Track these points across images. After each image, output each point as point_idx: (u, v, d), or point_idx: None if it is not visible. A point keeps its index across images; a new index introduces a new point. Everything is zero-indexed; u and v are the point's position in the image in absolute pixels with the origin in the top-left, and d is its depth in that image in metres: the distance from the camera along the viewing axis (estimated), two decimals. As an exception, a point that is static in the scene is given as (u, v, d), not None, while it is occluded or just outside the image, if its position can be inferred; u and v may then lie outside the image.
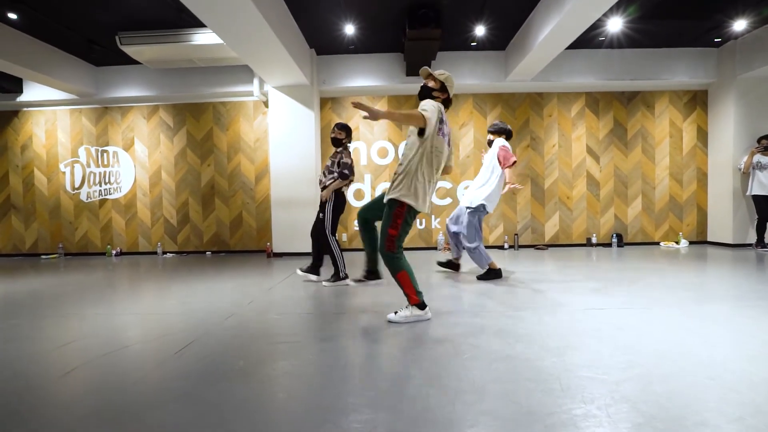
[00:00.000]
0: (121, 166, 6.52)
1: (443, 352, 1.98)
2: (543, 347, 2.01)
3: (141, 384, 1.70)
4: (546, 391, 1.55)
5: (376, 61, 6.03)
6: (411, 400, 1.50)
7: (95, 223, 6.57)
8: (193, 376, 1.77)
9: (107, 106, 6.49)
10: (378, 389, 1.60)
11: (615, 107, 6.30)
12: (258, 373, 1.79)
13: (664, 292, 3.16)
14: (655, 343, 2.04)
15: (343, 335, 2.30)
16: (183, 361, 1.94)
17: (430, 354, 1.97)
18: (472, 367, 1.79)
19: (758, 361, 1.78)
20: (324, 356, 1.98)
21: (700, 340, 2.08)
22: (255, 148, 6.39)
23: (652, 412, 1.37)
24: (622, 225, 6.37)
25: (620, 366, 1.76)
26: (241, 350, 2.08)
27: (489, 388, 1.59)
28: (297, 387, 1.66)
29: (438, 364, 1.83)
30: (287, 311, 2.85)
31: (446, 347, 2.05)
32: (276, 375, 1.77)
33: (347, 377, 1.73)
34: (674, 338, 2.11)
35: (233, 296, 3.37)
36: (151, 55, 5.34)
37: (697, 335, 2.15)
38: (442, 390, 1.57)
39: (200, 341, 2.22)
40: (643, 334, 2.18)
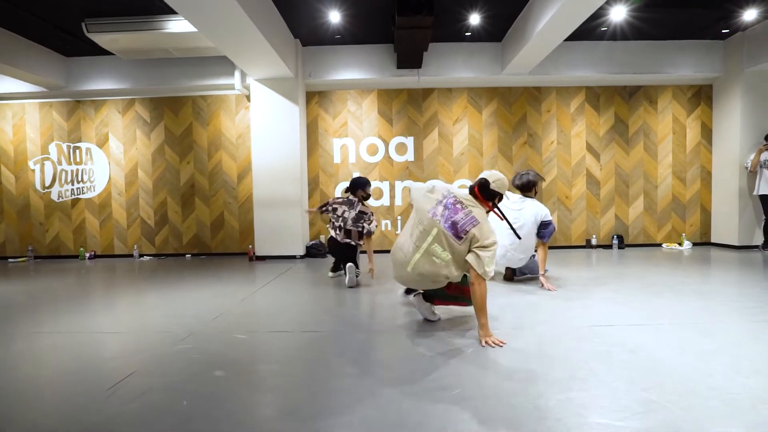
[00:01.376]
0: (95, 164, 6.14)
1: (422, 390, 1.66)
2: (545, 379, 1.70)
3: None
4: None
5: (365, 53, 5.69)
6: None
7: (67, 224, 6.19)
8: (119, 424, 1.44)
9: (79, 100, 6.10)
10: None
11: (616, 102, 6.00)
12: (205, 417, 1.46)
13: (673, 303, 2.87)
14: (674, 372, 1.74)
15: (317, 363, 1.98)
16: (114, 401, 1.61)
17: (409, 389, 1.65)
18: (456, 409, 1.47)
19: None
20: (285, 399, 1.65)
21: (726, 365, 1.78)
22: (237, 144, 6.03)
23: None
24: (623, 226, 6.09)
25: (639, 408, 1.45)
26: (188, 384, 1.76)
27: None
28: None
29: (421, 404, 1.51)
30: (256, 329, 2.53)
31: (425, 381, 1.73)
32: (221, 418, 1.44)
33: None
34: (696, 364, 1.81)
35: (200, 309, 3.04)
36: (123, 44, 4.97)
37: (721, 359, 1.85)
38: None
39: (141, 372, 1.88)
40: (658, 360, 1.87)
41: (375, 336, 2.35)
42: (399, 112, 6.01)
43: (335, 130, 6.04)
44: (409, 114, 6.01)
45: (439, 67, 5.68)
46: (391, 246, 5.97)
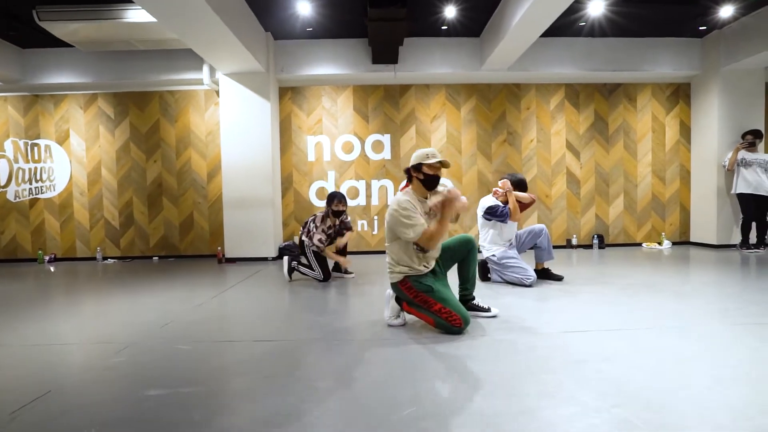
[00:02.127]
0: (55, 162, 5.81)
1: (371, 408, 1.47)
2: (508, 394, 1.53)
3: None
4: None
5: (339, 47, 5.49)
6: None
7: (25, 225, 5.84)
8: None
9: (38, 94, 5.76)
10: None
11: (596, 100, 5.93)
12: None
13: (652, 305, 2.74)
14: (650, 383, 1.59)
15: (261, 380, 1.78)
16: (14, 428, 1.39)
17: (357, 406, 1.46)
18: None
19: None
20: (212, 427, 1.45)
21: (706, 374, 1.64)
22: (207, 142, 5.77)
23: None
24: (603, 225, 6.02)
25: (608, 429, 1.29)
26: (110, 406, 1.54)
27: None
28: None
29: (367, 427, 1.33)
30: (204, 338, 2.31)
31: (387, 398, 1.55)
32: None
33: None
34: (673, 374, 1.67)
35: (151, 315, 2.81)
36: (80, 34, 4.67)
37: (700, 367, 1.71)
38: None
39: (57, 392, 1.66)
40: (634, 370, 1.72)
41: (333, 346, 2.16)
42: (375, 109, 5.83)
43: (309, 127, 5.83)
44: (385, 111, 5.83)
45: (416, 63, 5.52)
46: (367, 247, 5.83)
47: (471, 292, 2.59)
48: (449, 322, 2.22)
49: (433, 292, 2.27)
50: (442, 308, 2.24)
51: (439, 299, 2.25)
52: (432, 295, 2.27)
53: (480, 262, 3.69)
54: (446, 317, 2.23)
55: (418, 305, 2.33)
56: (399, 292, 2.39)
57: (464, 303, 2.54)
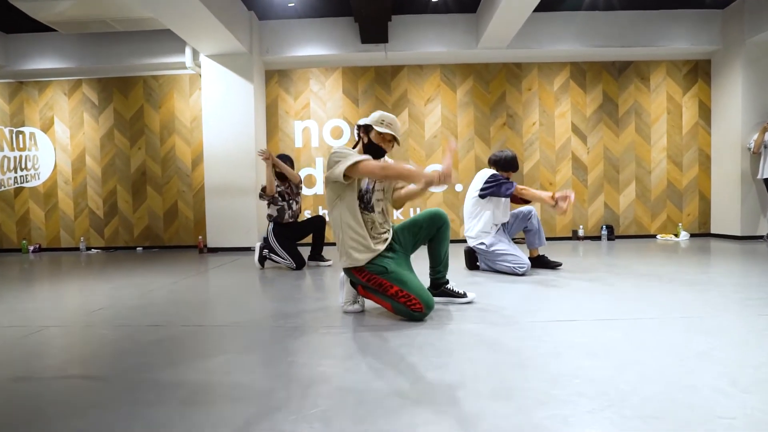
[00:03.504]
0: (40, 150, 5.69)
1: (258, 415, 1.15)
2: (456, 395, 1.19)
3: None
4: None
5: (326, 27, 5.20)
6: None
7: (10, 214, 5.74)
8: None
9: (22, 81, 5.65)
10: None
11: (604, 79, 5.48)
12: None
13: (659, 295, 2.35)
14: (646, 383, 1.22)
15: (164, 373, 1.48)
16: None
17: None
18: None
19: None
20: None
21: (719, 374, 1.26)
22: (191, 128, 5.56)
23: None
24: (613, 215, 5.55)
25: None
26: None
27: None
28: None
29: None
30: (131, 323, 2.04)
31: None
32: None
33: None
34: (677, 372, 1.29)
35: (90, 301, 2.56)
36: (53, 13, 4.51)
37: (712, 365, 1.33)
38: None
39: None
40: (627, 366, 1.36)
41: (263, 333, 1.85)
42: (365, 92, 5.51)
43: (297, 111, 5.55)
44: (376, 93, 5.51)
45: (409, 42, 5.18)
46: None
47: (444, 275, 2.25)
48: (408, 306, 1.90)
49: (388, 273, 1.94)
50: (399, 291, 1.91)
51: (395, 281, 1.93)
52: (387, 277, 1.94)
53: (467, 250, 3.34)
54: (405, 301, 1.90)
55: (374, 289, 2.01)
56: (351, 276, 2.07)
57: (437, 287, 2.22)
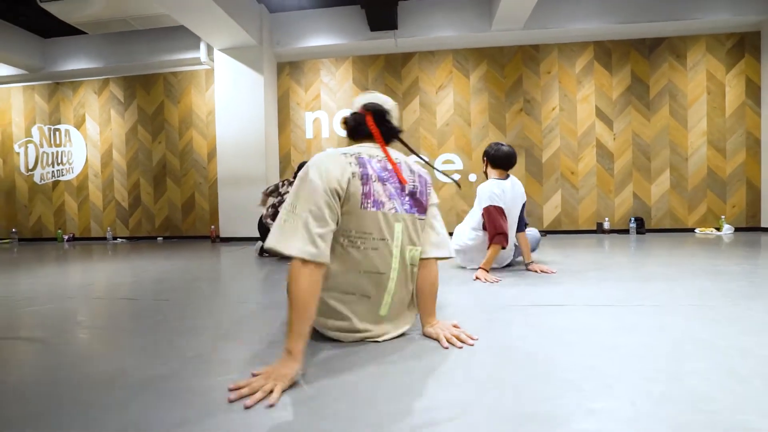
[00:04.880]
0: (73, 146, 6.09)
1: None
2: (367, 395, 1.06)
3: None
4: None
5: (334, 16, 5.16)
6: None
7: (48, 206, 6.18)
8: None
9: (58, 82, 6.08)
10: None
11: (633, 59, 5.03)
12: None
13: (675, 284, 2.06)
14: (625, 377, 1.02)
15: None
16: None
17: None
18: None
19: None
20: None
21: (737, 369, 1.04)
22: (207, 122, 5.72)
23: None
24: (643, 207, 5.08)
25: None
26: None
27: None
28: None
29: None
30: (79, 295, 2.06)
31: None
32: None
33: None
34: (678, 365, 1.08)
35: (87, 278, 2.64)
36: (81, 15, 4.78)
37: (727, 357, 1.10)
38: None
39: None
40: (599, 354, 1.16)
41: (198, 311, 1.79)
42: (375, 81, 5.41)
43: (307, 103, 5.55)
44: (386, 82, 5.39)
45: (419, 27, 5.03)
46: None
47: None
48: None
49: None
50: None
51: None
52: None
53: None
54: None
55: None
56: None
57: None
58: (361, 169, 1.13)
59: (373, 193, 1.14)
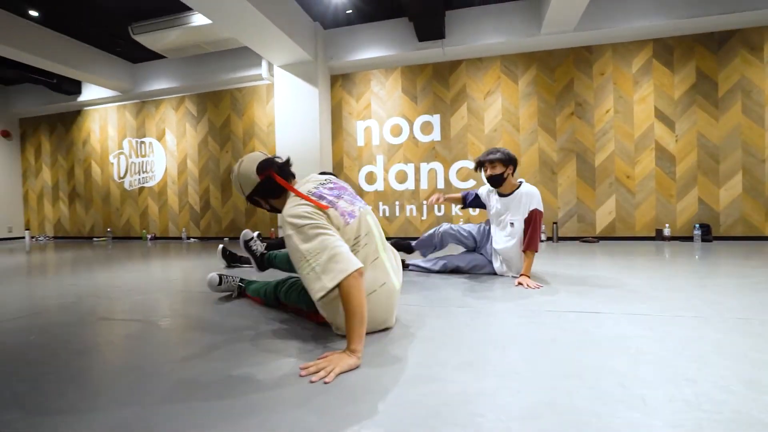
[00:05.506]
0: (155, 156, 6.90)
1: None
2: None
3: None
4: None
5: (384, 30, 5.40)
6: None
7: (135, 209, 7.05)
8: None
9: (144, 101, 6.92)
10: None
11: (698, 55, 4.73)
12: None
13: (703, 294, 2.02)
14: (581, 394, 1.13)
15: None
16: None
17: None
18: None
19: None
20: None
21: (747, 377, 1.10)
22: (268, 132, 6.22)
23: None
24: (710, 213, 4.75)
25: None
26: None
27: None
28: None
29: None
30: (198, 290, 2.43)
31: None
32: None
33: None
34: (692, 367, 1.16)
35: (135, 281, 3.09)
36: (162, 42, 5.46)
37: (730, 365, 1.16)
38: None
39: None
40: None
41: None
42: (424, 89, 5.57)
43: (359, 112, 5.85)
44: (434, 90, 5.53)
45: (466, 35, 5.11)
46: (415, 233, 5.56)
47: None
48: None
49: None
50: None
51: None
52: None
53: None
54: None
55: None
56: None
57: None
58: (324, 201, 1.35)
59: (343, 209, 1.37)
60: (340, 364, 1.13)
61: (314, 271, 1.21)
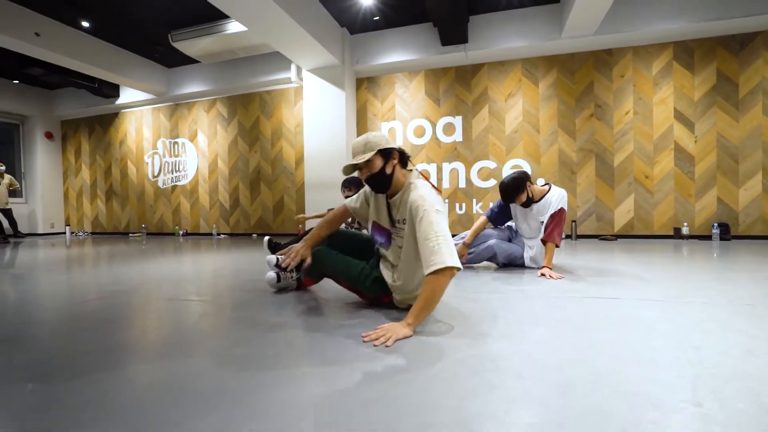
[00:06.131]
0: (187, 156, 7.27)
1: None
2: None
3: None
4: None
5: (408, 34, 5.61)
6: None
7: (168, 206, 7.44)
8: None
9: (177, 103, 7.30)
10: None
11: (719, 57, 4.81)
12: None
13: (713, 283, 2.18)
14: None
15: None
16: None
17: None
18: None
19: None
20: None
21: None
22: (295, 133, 6.51)
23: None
24: (729, 212, 4.83)
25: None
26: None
27: None
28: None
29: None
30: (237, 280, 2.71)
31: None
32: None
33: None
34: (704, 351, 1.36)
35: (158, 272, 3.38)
36: (198, 48, 5.79)
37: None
38: None
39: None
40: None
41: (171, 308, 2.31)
42: (446, 92, 5.77)
43: (383, 113, 6.08)
44: (456, 92, 5.73)
45: (488, 40, 5.29)
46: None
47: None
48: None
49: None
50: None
51: None
52: None
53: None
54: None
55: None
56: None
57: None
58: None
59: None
60: (397, 332, 1.36)
61: (439, 246, 1.40)
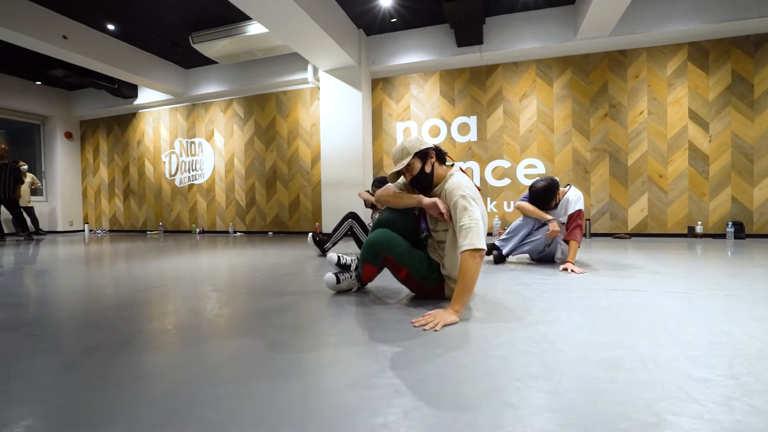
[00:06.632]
0: (204, 155, 7.41)
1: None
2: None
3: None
4: None
5: (424, 35, 5.71)
6: None
7: (185, 205, 7.59)
8: None
9: (195, 103, 7.44)
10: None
11: (734, 57, 4.85)
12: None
13: (729, 278, 2.26)
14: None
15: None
16: None
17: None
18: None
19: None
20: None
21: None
22: (311, 132, 6.63)
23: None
24: (744, 211, 4.87)
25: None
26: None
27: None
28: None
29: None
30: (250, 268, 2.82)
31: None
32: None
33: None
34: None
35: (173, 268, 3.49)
36: (218, 50, 5.92)
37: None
38: None
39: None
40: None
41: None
42: (461, 92, 5.86)
43: (398, 114, 6.18)
44: (471, 93, 5.81)
45: (503, 41, 5.37)
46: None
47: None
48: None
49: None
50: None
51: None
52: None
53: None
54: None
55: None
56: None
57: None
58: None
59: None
60: (445, 318, 1.46)
61: (469, 228, 1.56)
